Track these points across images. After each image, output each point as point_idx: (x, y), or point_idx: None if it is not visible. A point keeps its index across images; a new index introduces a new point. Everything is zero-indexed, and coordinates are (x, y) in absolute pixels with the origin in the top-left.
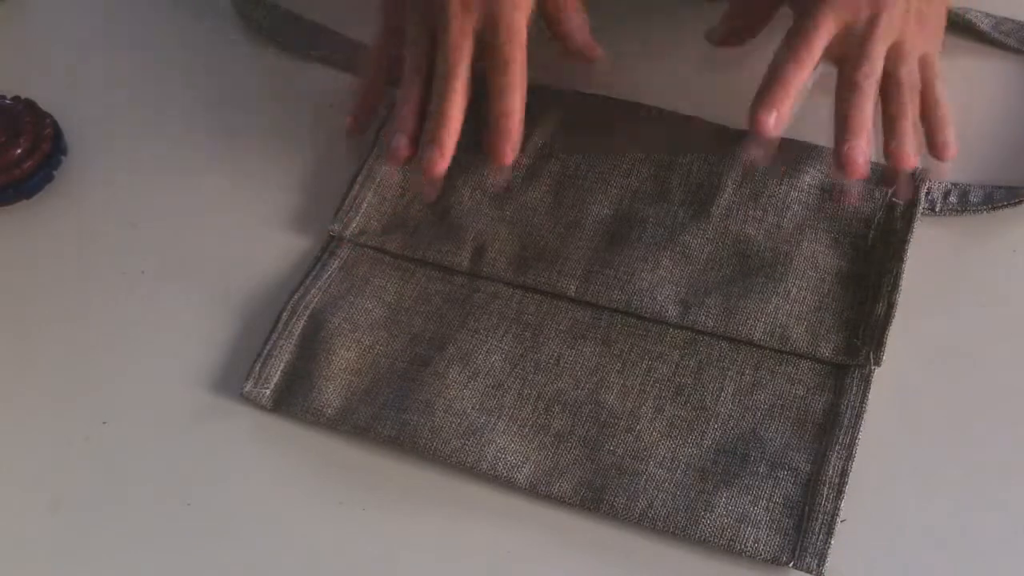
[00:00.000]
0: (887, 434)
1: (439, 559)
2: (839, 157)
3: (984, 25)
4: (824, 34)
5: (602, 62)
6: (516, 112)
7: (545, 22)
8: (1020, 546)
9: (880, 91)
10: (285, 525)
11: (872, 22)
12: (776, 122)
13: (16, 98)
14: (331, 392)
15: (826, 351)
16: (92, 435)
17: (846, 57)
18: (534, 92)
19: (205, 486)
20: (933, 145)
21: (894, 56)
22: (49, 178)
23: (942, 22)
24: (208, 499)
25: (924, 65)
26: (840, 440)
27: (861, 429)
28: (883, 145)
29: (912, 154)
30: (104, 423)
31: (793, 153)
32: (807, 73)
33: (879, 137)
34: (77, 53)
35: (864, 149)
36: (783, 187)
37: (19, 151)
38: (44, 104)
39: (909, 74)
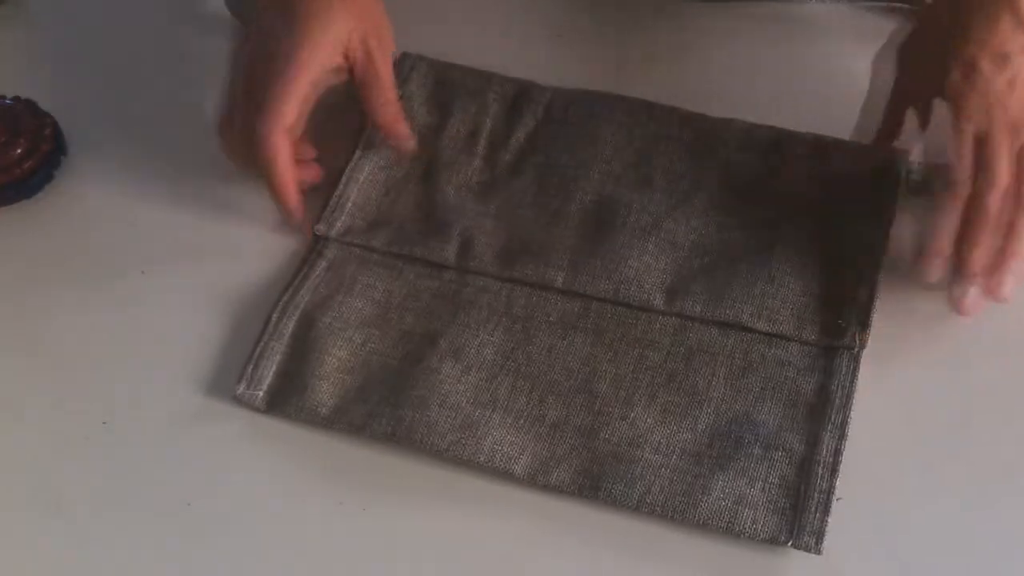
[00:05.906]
0: (877, 412)
1: (440, 553)
2: (952, 298)
3: None
4: (968, 152)
5: (407, 147)
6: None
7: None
8: (1016, 519)
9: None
10: (284, 523)
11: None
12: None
13: (16, 98)
14: (325, 391)
15: (812, 334)
16: (92, 435)
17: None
18: (519, 89)
19: (205, 486)
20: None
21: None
22: (49, 178)
23: None
24: (208, 498)
25: None
26: (832, 420)
27: (852, 408)
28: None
29: (1008, 290)
30: (104, 423)
31: (774, 140)
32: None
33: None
34: (77, 53)
35: (982, 300)
36: (763, 176)
37: (19, 151)
38: (44, 104)
39: None
